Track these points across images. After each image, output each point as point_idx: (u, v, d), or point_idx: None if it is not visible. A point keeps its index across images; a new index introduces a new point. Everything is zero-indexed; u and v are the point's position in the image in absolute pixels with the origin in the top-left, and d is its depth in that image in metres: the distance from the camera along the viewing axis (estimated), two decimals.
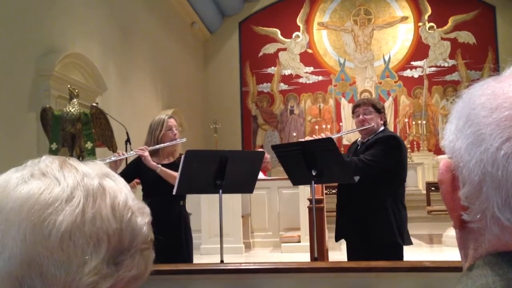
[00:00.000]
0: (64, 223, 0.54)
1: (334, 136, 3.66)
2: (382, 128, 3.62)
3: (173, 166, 3.55)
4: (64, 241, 0.54)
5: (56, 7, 6.81)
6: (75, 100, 5.33)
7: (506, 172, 0.51)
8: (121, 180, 0.63)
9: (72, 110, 5.23)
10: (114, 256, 0.56)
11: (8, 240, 0.54)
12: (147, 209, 0.63)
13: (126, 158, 3.82)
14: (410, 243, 3.50)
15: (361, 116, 3.59)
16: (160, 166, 3.52)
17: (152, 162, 3.51)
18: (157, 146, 3.60)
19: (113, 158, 3.57)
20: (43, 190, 0.56)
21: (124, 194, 0.60)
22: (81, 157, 5.24)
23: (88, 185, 0.57)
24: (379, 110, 3.61)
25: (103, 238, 0.56)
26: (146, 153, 3.52)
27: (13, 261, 0.53)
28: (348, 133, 4.85)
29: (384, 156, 3.40)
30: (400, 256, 3.39)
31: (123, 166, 4.00)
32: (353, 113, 3.73)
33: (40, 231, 0.54)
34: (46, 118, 5.33)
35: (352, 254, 3.57)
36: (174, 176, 3.36)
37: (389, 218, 3.36)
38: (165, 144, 3.61)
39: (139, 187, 3.87)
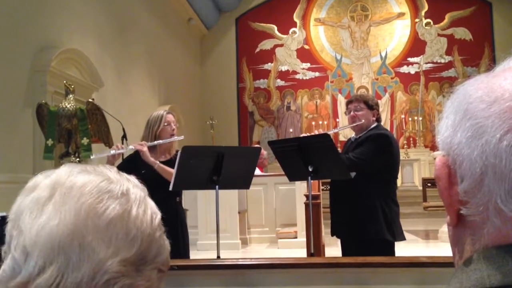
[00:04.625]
0: (114, 211, 0.61)
1: (328, 133, 3.66)
2: (375, 124, 3.61)
3: (170, 163, 3.55)
4: (110, 225, 0.61)
5: (52, 2, 6.78)
6: (71, 95, 5.31)
7: (510, 163, 0.51)
8: None
9: (68, 106, 5.22)
10: (139, 261, 0.62)
11: (62, 209, 0.60)
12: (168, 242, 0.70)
13: (123, 153, 3.81)
14: (402, 238, 3.50)
15: (352, 113, 3.60)
16: (158, 162, 3.52)
17: (150, 158, 3.51)
18: (156, 142, 3.59)
19: (112, 152, 3.56)
20: (102, 180, 0.64)
21: (160, 216, 0.69)
22: (77, 153, 5.23)
23: (136, 193, 0.66)
24: (371, 107, 3.61)
25: (138, 238, 0.62)
26: (145, 148, 3.51)
27: (62, 227, 0.59)
28: (340, 130, 4.86)
29: (373, 154, 3.40)
30: (390, 253, 3.40)
31: (119, 160, 3.98)
32: (346, 109, 3.74)
33: (94, 209, 0.61)
34: (42, 114, 5.31)
35: (345, 252, 3.59)
36: (172, 173, 3.35)
37: (378, 215, 3.37)
38: (164, 141, 3.61)
39: None
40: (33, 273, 0.58)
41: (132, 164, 3.65)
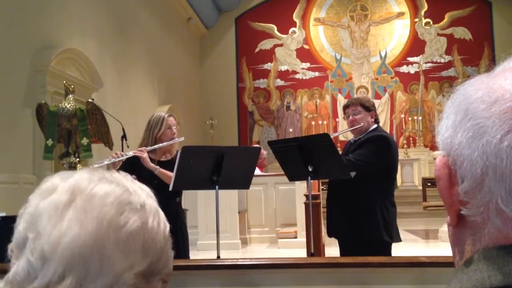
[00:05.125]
0: (135, 224, 0.62)
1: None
2: (374, 126, 3.63)
3: (170, 163, 3.54)
4: (130, 237, 0.61)
5: (52, 2, 6.77)
6: (70, 96, 5.30)
7: (510, 163, 0.51)
8: None
9: (68, 106, 5.21)
10: (149, 273, 0.63)
11: (84, 218, 0.60)
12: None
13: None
14: (398, 240, 3.53)
15: (350, 117, 3.62)
16: (158, 167, 3.51)
17: (150, 164, 3.50)
18: (155, 146, 3.58)
19: (112, 160, 3.56)
20: (123, 192, 0.64)
21: (169, 227, 0.69)
22: (77, 153, 5.22)
23: (151, 204, 0.67)
24: (368, 108, 3.62)
25: (151, 251, 0.63)
26: (145, 155, 3.51)
27: (83, 236, 0.59)
28: (340, 133, 4.86)
29: (373, 156, 3.41)
30: (387, 253, 3.42)
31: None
32: (344, 114, 3.76)
33: (116, 221, 0.61)
34: (42, 114, 5.30)
35: (343, 253, 3.60)
36: (171, 176, 3.35)
37: (376, 217, 3.39)
38: (163, 144, 3.61)
39: None
40: (52, 280, 0.58)
41: (132, 166, 3.65)
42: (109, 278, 0.59)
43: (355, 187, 3.43)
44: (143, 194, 0.67)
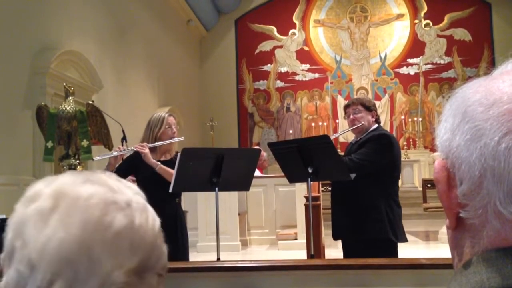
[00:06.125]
0: (121, 222, 0.61)
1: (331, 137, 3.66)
2: (375, 126, 3.63)
3: (170, 163, 3.54)
4: (117, 237, 0.61)
5: (52, 4, 6.78)
6: (70, 97, 5.31)
7: (508, 165, 0.52)
8: None
9: (68, 108, 5.22)
10: (141, 269, 0.62)
11: (69, 222, 0.60)
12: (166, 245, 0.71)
13: (123, 154, 3.81)
14: (404, 240, 3.49)
15: (351, 116, 3.62)
16: (159, 164, 3.51)
17: (152, 160, 3.50)
18: (156, 144, 3.59)
19: (114, 153, 3.57)
20: (107, 191, 0.64)
21: (159, 221, 0.68)
22: (77, 155, 5.23)
23: (138, 200, 0.66)
24: (369, 108, 3.62)
25: (141, 247, 0.62)
26: (147, 150, 3.50)
27: (69, 241, 0.58)
28: (341, 133, 4.85)
29: (374, 155, 3.40)
30: (394, 253, 3.39)
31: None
32: (345, 114, 3.76)
33: (101, 222, 0.60)
34: (42, 116, 5.31)
35: (347, 253, 3.58)
36: (173, 173, 3.35)
37: (381, 216, 3.36)
38: (164, 142, 3.61)
39: (135, 184, 3.86)
40: (42, 287, 0.58)
41: (132, 165, 3.65)
42: (99, 279, 0.59)
43: (358, 188, 3.42)
44: (129, 191, 0.66)
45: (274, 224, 7.79)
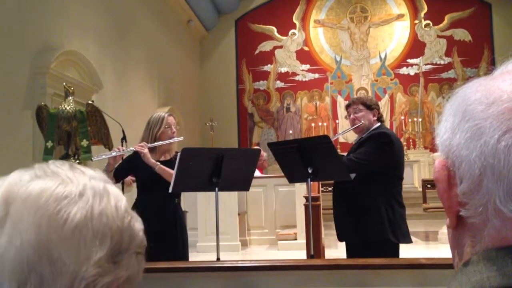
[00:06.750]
0: (77, 215, 0.59)
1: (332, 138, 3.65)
2: (377, 124, 3.60)
3: (169, 163, 3.55)
4: (75, 232, 0.58)
5: (52, 4, 6.78)
6: (70, 97, 5.31)
7: (508, 163, 0.52)
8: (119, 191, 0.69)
9: (68, 108, 5.22)
10: (114, 254, 0.61)
11: (22, 228, 0.57)
12: (140, 219, 0.68)
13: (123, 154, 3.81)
14: (407, 241, 3.44)
15: (352, 115, 3.61)
16: (159, 164, 3.51)
17: (151, 160, 3.50)
18: (156, 144, 3.59)
19: (114, 154, 3.57)
20: (57, 185, 0.61)
21: (125, 200, 0.65)
22: (76, 155, 5.23)
23: (95, 186, 0.63)
24: (370, 106, 3.60)
25: (107, 235, 0.60)
26: (146, 150, 3.51)
27: (26, 247, 0.57)
28: (343, 133, 4.83)
29: (374, 154, 3.37)
30: (394, 254, 3.36)
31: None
32: (346, 113, 3.75)
33: (55, 220, 0.58)
34: (42, 116, 5.31)
35: (350, 254, 3.56)
36: (172, 173, 3.35)
37: (381, 216, 3.33)
38: (164, 142, 3.61)
39: (135, 184, 3.87)
40: None
41: (131, 165, 3.65)
42: (67, 278, 0.57)
43: (359, 188, 3.40)
44: (84, 178, 0.63)
45: (274, 224, 7.79)
